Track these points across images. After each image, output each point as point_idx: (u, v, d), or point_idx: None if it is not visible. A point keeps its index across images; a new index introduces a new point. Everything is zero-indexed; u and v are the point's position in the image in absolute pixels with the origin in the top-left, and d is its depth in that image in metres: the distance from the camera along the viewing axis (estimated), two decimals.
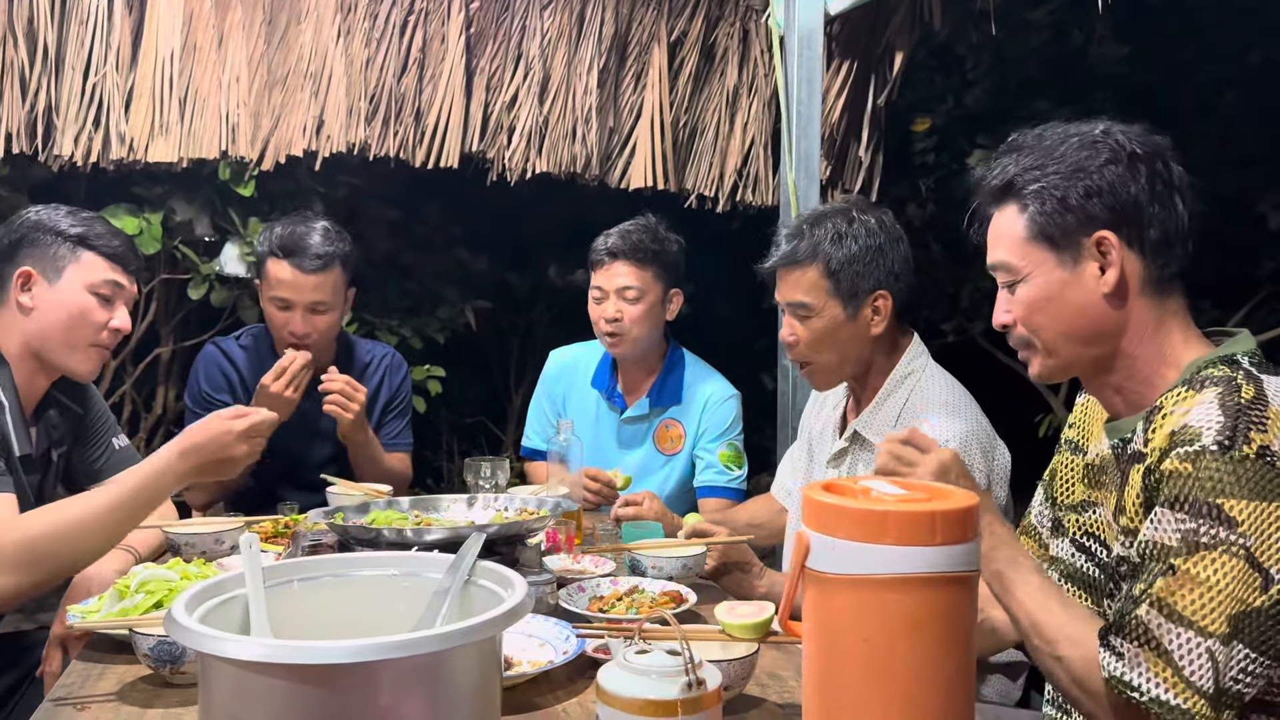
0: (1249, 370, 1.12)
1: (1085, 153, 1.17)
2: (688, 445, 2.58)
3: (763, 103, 3.31)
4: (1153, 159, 1.16)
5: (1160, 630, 1.04)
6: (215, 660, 0.93)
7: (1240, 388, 1.08)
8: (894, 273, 1.89)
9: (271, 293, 2.36)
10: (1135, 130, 1.19)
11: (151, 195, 3.35)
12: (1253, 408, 1.06)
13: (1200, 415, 1.07)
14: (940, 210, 4.73)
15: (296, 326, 2.35)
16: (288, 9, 3.03)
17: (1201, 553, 1.03)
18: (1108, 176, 1.15)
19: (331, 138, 3.03)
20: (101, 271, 1.84)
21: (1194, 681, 1.02)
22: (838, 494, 0.98)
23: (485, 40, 3.16)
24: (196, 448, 1.59)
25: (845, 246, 1.86)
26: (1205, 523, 1.03)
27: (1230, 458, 1.03)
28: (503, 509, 1.75)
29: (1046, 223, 1.19)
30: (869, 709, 0.92)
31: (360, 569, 1.18)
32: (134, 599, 1.42)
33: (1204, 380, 1.12)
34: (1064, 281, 1.20)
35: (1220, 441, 1.04)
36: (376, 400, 2.58)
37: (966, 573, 0.92)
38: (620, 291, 2.47)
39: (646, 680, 0.97)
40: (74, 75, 2.86)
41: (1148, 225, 1.16)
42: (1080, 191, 1.16)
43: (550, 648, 1.37)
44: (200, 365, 2.51)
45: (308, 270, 2.32)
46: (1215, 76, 4.20)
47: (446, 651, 0.93)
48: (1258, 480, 1.03)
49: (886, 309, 1.89)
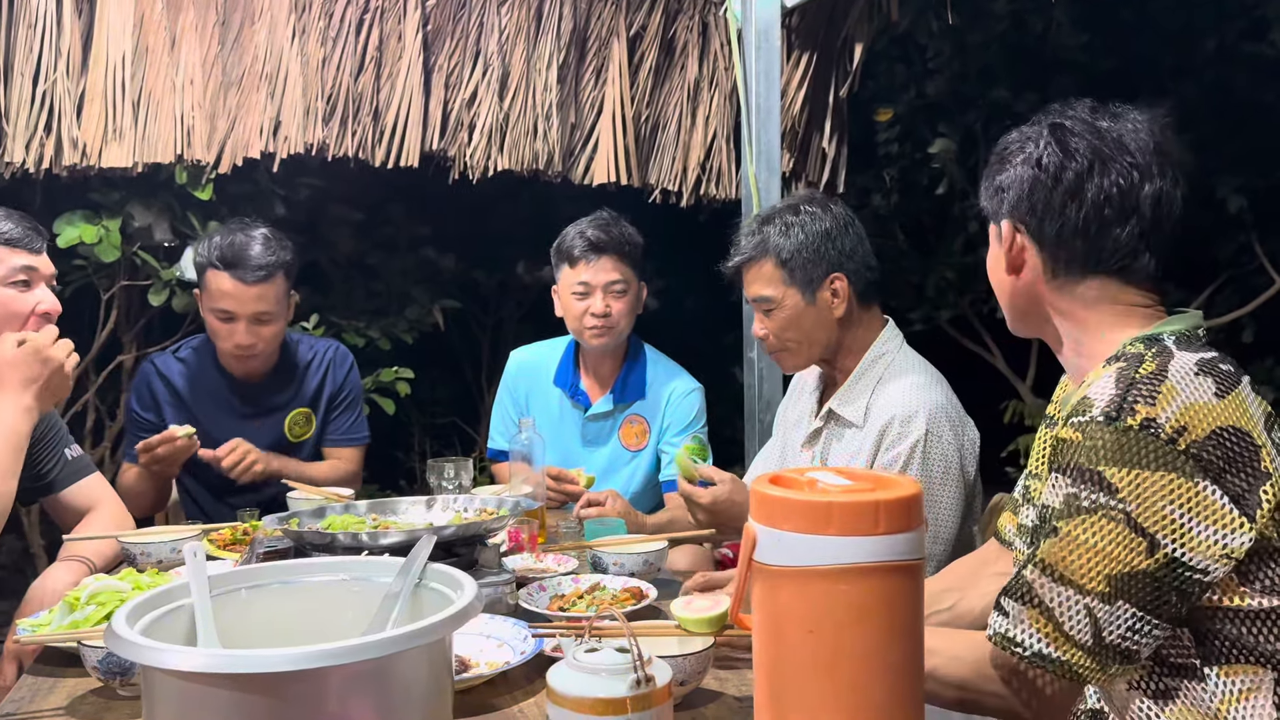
0: (1165, 347, 1.17)
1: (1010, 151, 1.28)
2: (652, 441, 2.58)
3: (724, 96, 3.31)
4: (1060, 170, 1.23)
5: (1043, 590, 1.10)
6: (158, 672, 0.91)
7: (1143, 362, 1.14)
8: (846, 255, 1.96)
9: (213, 304, 2.34)
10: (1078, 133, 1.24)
11: (109, 201, 3.31)
12: (1147, 382, 1.11)
13: (1097, 388, 1.13)
14: (905, 200, 4.76)
15: (241, 339, 2.33)
16: (241, 9, 2.99)
17: (1082, 516, 1.08)
18: (1016, 174, 1.26)
19: (289, 139, 3.00)
20: (8, 261, 1.79)
21: (1073, 635, 1.09)
22: (784, 486, 0.98)
23: (443, 38, 3.13)
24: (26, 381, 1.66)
25: (793, 236, 1.95)
26: (1086, 488, 1.09)
27: (1115, 428, 1.08)
28: (462, 510, 1.74)
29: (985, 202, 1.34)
30: (817, 700, 0.92)
31: (310, 575, 1.17)
32: (84, 611, 1.40)
33: (1118, 356, 1.18)
34: (996, 255, 1.33)
35: (1107, 412, 1.10)
36: (320, 397, 2.56)
37: (910, 561, 0.92)
38: (608, 286, 2.47)
39: (595, 679, 0.97)
40: (23, 81, 2.81)
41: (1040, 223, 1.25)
42: (996, 183, 1.29)
43: (508, 648, 1.37)
44: (134, 384, 2.53)
45: (250, 282, 2.30)
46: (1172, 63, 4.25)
47: (394, 656, 0.92)
48: (1138, 449, 1.07)
49: (844, 290, 1.96)
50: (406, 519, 1.74)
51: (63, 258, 3.15)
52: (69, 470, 1.99)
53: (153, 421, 2.43)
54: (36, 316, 1.81)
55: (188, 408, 2.45)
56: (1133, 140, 1.22)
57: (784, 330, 1.99)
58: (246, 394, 2.49)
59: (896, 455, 1.86)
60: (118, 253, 3.28)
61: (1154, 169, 1.21)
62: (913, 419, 1.86)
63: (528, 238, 4.99)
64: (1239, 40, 4.03)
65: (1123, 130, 1.23)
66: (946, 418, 1.88)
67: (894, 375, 1.95)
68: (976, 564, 1.57)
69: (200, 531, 1.93)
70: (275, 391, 2.52)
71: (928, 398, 1.89)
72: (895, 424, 1.87)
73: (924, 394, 1.90)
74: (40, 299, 1.82)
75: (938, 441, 1.85)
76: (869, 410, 1.94)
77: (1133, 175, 1.21)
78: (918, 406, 1.87)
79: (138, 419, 2.47)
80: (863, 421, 1.94)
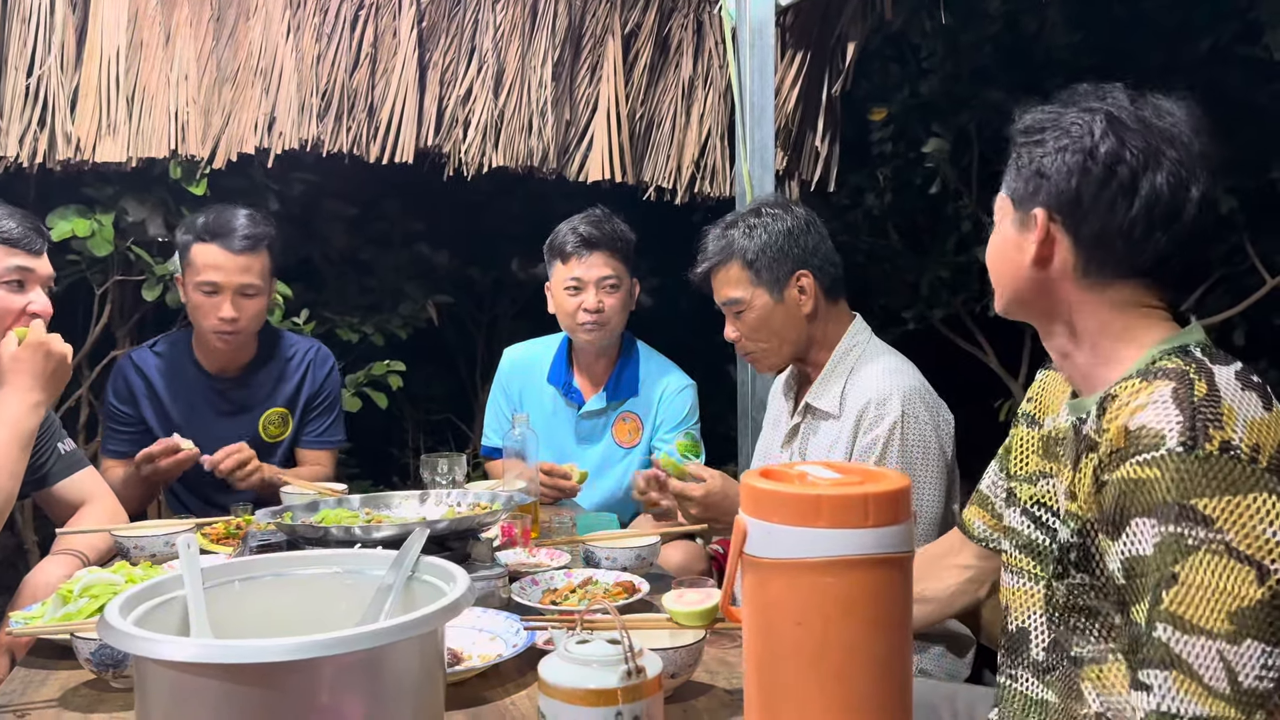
0: (1200, 361, 1.13)
1: (1057, 132, 1.20)
2: (645, 437, 2.59)
3: (718, 94, 3.32)
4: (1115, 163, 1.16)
5: (1178, 645, 1.02)
6: (150, 663, 0.92)
7: (1193, 383, 1.08)
8: (810, 252, 2.00)
9: (198, 278, 2.34)
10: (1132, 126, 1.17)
11: (102, 196, 3.30)
12: (1208, 404, 1.06)
13: (1158, 416, 1.07)
14: (898, 199, 4.76)
15: (226, 311, 2.33)
16: (236, 5, 2.99)
17: (1191, 556, 1.02)
18: (1064, 162, 1.18)
19: (283, 134, 3.00)
20: (3, 260, 1.79)
21: (1214, 687, 1.01)
22: (774, 479, 0.99)
23: (438, 34, 3.13)
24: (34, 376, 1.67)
25: (756, 237, 1.99)
26: (1185, 525, 1.02)
27: (1196, 457, 1.03)
28: (455, 504, 1.75)
29: (1012, 183, 1.25)
30: (805, 692, 0.93)
31: (303, 567, 1.17)
32: (77, 604, 1.40)
33: (1157, 372, 1.12)
34: (1013, 240, 1.25)
35: (1184, 442, 1.04)
36: (298, 397, 2.56)
37: (899, 554, 0.93)
38: (600, 282, 2.49)
39: (586, 670, 0.98)
40: (17, 75, 2.81)
41: (1084, 219, 1.18)
42: (1037, 168, 1.21)
43: (500, 641, 1.37)
44: (110, 378, 2.53)
45: (236, 250, 2.33)
46: (1164, 63, 4.26)
47: (386, 647, 0.93)
48: (1225, 475, 1.02)
49: (811, 288, 1.99)
50: (400, 513, 1.75)
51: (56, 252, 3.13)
52: (62, 464, 1.99)
53: (129, 415, 2.45)
54: (25, 316, 1.81)
55: (163, 402, 2.46)
56: (1180, 138, 1.17)
57: (755, 331, 2.02)
58: (223, 390, 2.49)
59: (875, 438, 1.87)
60: (111, 247, 3.27)
61: (1198, 171, 1.16)
62: (888, 401, 1.88)
63: (522, 234, 4.98)
64: (1233, 42, 4.04)
65: (1169, 126, 1.18)
66: (921, 399, 1.91)
67: (865, 363, 1.99)
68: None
69: (193, 525, 1.94)
70: (252, 389, 2.51)
71: (901, 381, 1.92)
72: (871, 407, 1.89)
73: (897, 378, 1.93)
74: (31, 300, 1.82)
75: (915, 422, 1.87)
76: (844, 399, 1.96)
77: (1181, 175, 1.16)
78: (892, 389, 1.89)
79: (115, 412, 2.47)
80: (838, 411, 1.96)
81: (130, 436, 2.44)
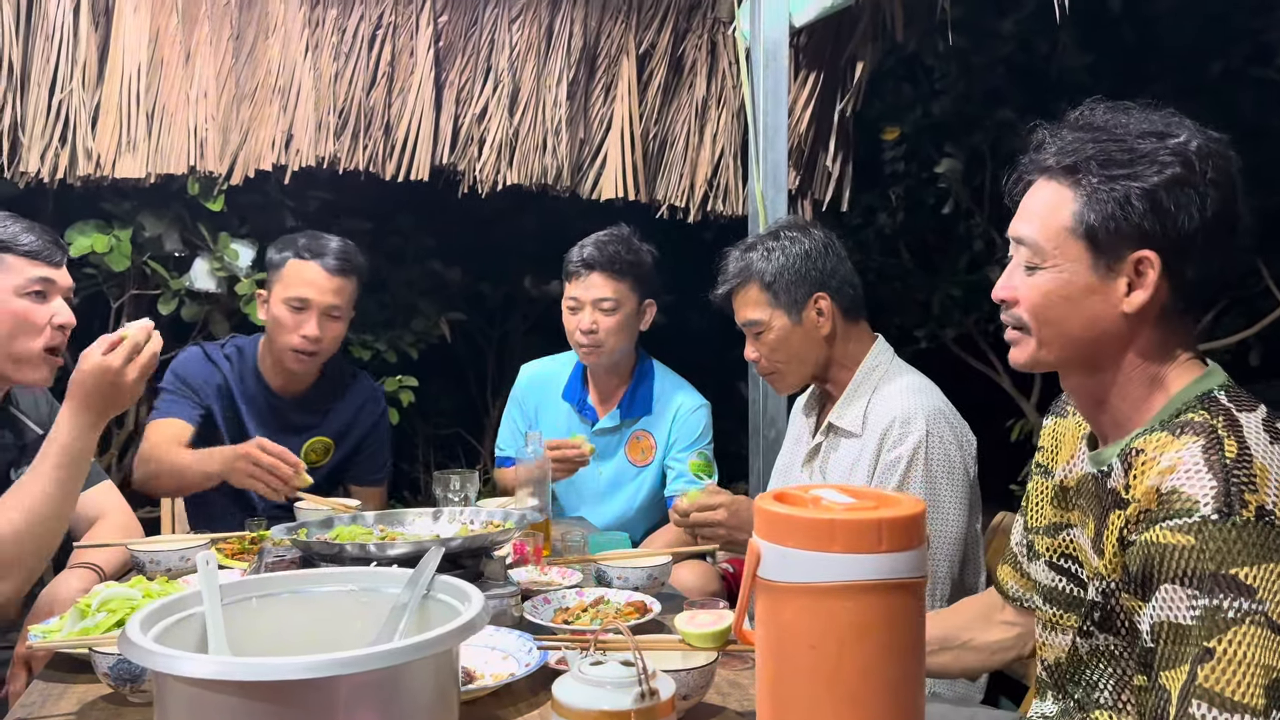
0: (1228, 410, 1.09)
1: (1159, 163, 1.09)
2: (658, 456, 2.59)
3: (731, 114, 3.34)
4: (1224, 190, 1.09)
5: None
6: (170, 679, 0.93)
7: (1222, 442, 1.05)
8: (828, 274, 2.02)
9: (290, 293, 2.35)
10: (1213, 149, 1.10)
11: (120, 211, 3.34)
12: (1240, 466, 1.03)
13: (1190, 480, 1.03)
14: (910, 218, 4.77)
15: (310, 329, 2.34)
16: (255, 24, 3.03)
17: (1232, 629, 0.98)
18: (1176, 198, 1.08)
19: (301, 152, 3.03)
20: (26, 272, 1.80)
21: None
22: (788, 503, 1.00)
23: (454, 53, 3.17)
24: (88, 395, 1.62)
25: (774, 260, 2.01)
26: (1226, 596, 0.98)
27: (1233, 524, 0.99)
28: (468, 522, 1.76)
29: (1097, 222, 1.11)
30: (819, 715, 0.93)
31: (319, 585, 1.18)
32: (95, 618, 1.41)
33: (1184, 426, 1.09)
34: (1090, 287, 1.13)
35: (1219, 509, 1.00)
36: (350, 431, 2.57)
37: (912, 579, 0.94)
38: (596, 303, 2.49)
39: (600, 691, 0.99)
40: (40, 92, 2.85)
41: (1193, 260, 1.10)
42: (1144, 204, 1.09)
43: (513, 660, 1.38)
44: (186, 356, 2.51)
45: (332, 271, 2.36)
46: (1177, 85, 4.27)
47: (402, 666, 0.94)
48: (1263, 543, 0.99)
49: (829, 309, 2.01)
50: (413, 530, 1.76)
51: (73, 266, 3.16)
52: None
53: (194, 396, 2.42)
54: (52, 329, 1.82)
55: (232, 399, 2.45)
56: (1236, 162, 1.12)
57: (774, 352, 2.04)
58: (277, 406, 2.49)
59: (898, 456, 1.88)
60: (128, 262, 3.31)
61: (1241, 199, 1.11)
62: (912, 420, 1.89)
63: (534, 251, 5.01)
64: (1245, 64, 4.05)
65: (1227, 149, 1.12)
66: (945, 419, 1.92)
67: (888, 382, 2.00)
68: (984, 608, 1.53)
69: (209, 540, 1.95)
70: (305, 412, 2.51)
71: (925, 401, 1.93)
72: (895, 426, 1.90)
73: (921, 397, 1.94)
74: (55, 311, 1.83)
75: (939, 441, 1.88)
76: (866, 417, 1.97)
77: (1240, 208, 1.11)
78: (916, 409, 1.90)
79: (181, 387, 2.43)
80: (860, 429, 1.97)
81: (194, 409, 2.41)
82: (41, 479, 1.61)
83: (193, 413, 2.41)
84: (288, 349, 2.38)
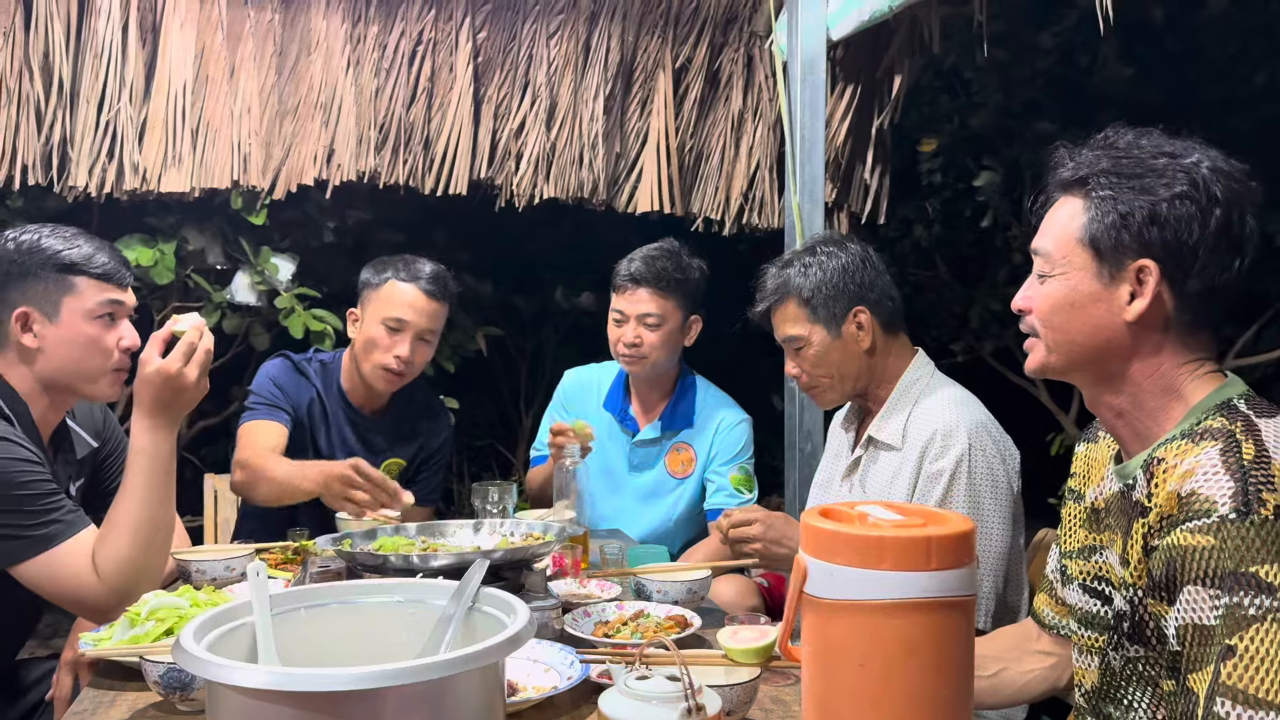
0: (1247, 417, 1.10)
1: (1166, 179, 1.13)
2: (698, 469, 2.59)
3: (767, 127, 3.34)
4: (1229, 209, 1.12)
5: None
6: (222, 688, 0.94)
7: (1240, 445, 1.06)
8: (866, 287, 2.01)
9: (388, 314, 2.37)
10: (1226, 171, 1.14)
11: (164, 225, 3.40)
12: (1258, 466, 1.04)
13: (1209, 481, 1.04)
14: (947, 231, 4.74)
15: (403, 351, 2.36)
16: (298, 41, 3.08)
17: (1254, 626, 0.99)
18: (1177, 210, 1.12)
19: (342, 166, 3.07)
20: (97, 294, 1.79)
21: None
22: (835, 520, 0.99)
23: (493, 69, 3.20)
24: (155, 400, 1.62)
25: (811, 275, 2.01)
26: (1247, 594, 0.99)
27: (1252, 523, 1.00)
28: (509, 534, 1.76)
29: (1101, 231, 1.16)
30: None
31: (366, 596, 1.19)
32: (144, 626, 1.44)
33: (1203, 433, 1.10)
34: (1094, 294, 1.18)
35: (1237, 508, 1.01)
36: (420, 452, 2.57)
37: (961, 597, 0.93)
38: (641, 318, 2.49)
39: (647, 706, 0.99)
40: (88, 108, 2.91)
41: (1194, 272, 1.13)
42: (1145, 214, 1.13)
43: (555, 673, 1.38)
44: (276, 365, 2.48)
45: (429, 295, 2.39)
46: (1221, 97, 4.21)
47: (450, 678, 0.94)
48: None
49: (869, 323, 2.00)
50: (455, 541, 1.77)
51: None
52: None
53: (289, 408, 2.39)
54: (120, 352, 1.82)
55: (325, 412, 2.45)
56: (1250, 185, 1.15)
57: (815, 367, 2.03)
58: (357, 424, 2.50)
59: (940, 469, 1.86)
60: (172, 275, 3.37)
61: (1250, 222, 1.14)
62: (954, 433, 1.87)
63: (566, 263, 5.04)
64: None
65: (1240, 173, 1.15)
66: (988, 432, 1.90)
67: (928, 395, 1.98)
68: (1019, 638, 1.51)
69: (253, 551, 1.97)
70: (383, 434, 2.52)
71: (967, 413, 1.91)
72: (938, 438, 1.88)
73: (963, 410, 1.92)
74: (123, 334, 1.83)
75: (982, 454, 1.86)
76: (906, 430, 1.95)
77: (1251, 224, 1.14)
78: (958, 421, 1.88)
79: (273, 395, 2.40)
80: (900, 442, 1.95)
81: (288, 418, 2.39)
82: (134, 493, 1.62)
83: (288, 421, 2.40)
84: (379, 368, 2.38)
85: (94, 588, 1.58)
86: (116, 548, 1.59)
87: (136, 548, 1.60)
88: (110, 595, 1.58)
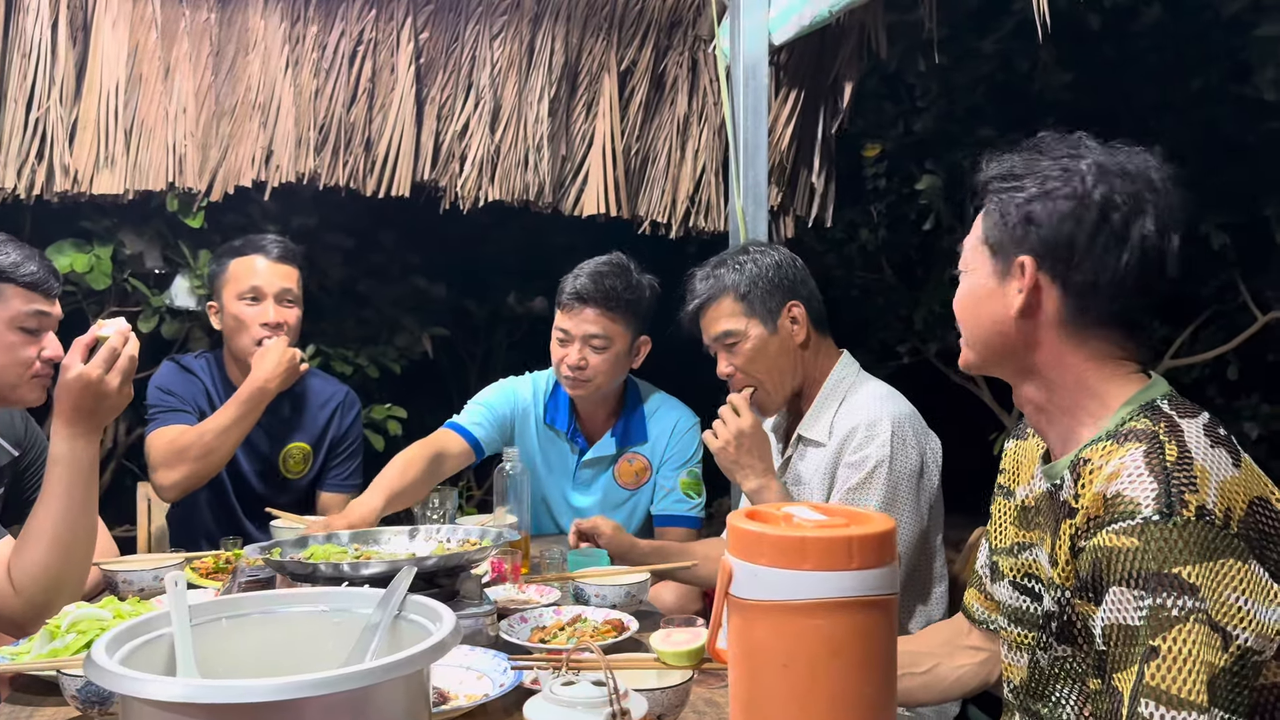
0: (1170, 418, 1.12)
1: (1052, 181, 1.17)
2: (653, 478, 2.52)
3: (713, 130, 3.35)
4: (1108, 208, 1.15)
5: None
6: (136, 701, 0.91)
7: (1163, 446, 1.08)
8: (798, 284, 2.04)
9: (240, 289, 2.41)
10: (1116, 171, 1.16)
11: (100, 228, 3.32)
12: (1181, 468, 1.06)
13: (1132, 484, 1.06)
14: (892, 234, 4.80)
15: (270, 316, 2.39)
16: (235, 40, 3.02)
17: (1176, 627, 1.00)
18: (1055, 208, 1.16)
19: (281, 168, 3.02)
20: (23, 304, 1.74)
21: None
22: (759, 521, 0.99)
23: (435, 70, 3.17)
24: (76, 408, 1.58)
25: (746, 271, 2.03)
26: (1170, 595, 1.01)
27: (1174, 524, 1.02)
28: (445, 540, 1.74)
29: (992, 230, 1.22)
30: None
31: (290, 605, 1.17)
32: (64, 639, 1.39)
33: (1127, 434, 1.12)
34: (990, 290, 1.23)
35: (1160, 510, 1.03)
36: (324, 438, 2.56)
37: (884, 596, 0.93)
38: (587, 339, 2.33)
39: (571, 712, 0.98)
40: (16, 107, 2.83)
41: (1074, 266, 1.16)
42: (1024, 213, 1.18)
43: (488, 680, 1.37)
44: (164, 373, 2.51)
45: (274, 258, 2.43)
46: (1155, 102, 4.31)
47: (372, 687, 0.92)
48: (1203, 541, 1.02)
49: (803, 317, 2.03)
50: (389, 549, 1.74)
51: None
52: None
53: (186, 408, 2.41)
54: (42, 363, 1.77)
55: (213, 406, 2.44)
56: (1159, 185, 1.16)
57: (751, 363, 2.02)
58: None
59: (863, 458, 1.88)
60: (109, 280, 3.29)
61: (1177, 219, 1.15)
62: (877, 424, 1.90)
63: (518, 267, 5.00)
64: (1223, 81, 4.10)
65: (1148, 175, 1.16)
66: (910, 425, 1.93)
67: (855, 391, 2.01)
68: (951, 633, 1.53)
69: (182, 560, 1.93)
70: (277, 420, 2.50)
71: (890, 407, 1.94)
72: (860, 430, 1.91)
73: (887, 403, 1.95)
74: (46, 345, 1.78)
75: (902, 446, 1.89)
76: (833, 426, 1.98)
77: (1164, 223, 1.15)
78: (881, 414, 1.91)
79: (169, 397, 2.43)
80: (827, 439, 1.98)
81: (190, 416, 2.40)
82: (52, 503, 1.57)
83: (190, 420, 2.40)
84: (253, 343, 2.39)
85: (9, 600, 1.53)
86: (32, 559, 1.55)
87: (54, 558, 1.55)
88: (26, 608, 1.53)
